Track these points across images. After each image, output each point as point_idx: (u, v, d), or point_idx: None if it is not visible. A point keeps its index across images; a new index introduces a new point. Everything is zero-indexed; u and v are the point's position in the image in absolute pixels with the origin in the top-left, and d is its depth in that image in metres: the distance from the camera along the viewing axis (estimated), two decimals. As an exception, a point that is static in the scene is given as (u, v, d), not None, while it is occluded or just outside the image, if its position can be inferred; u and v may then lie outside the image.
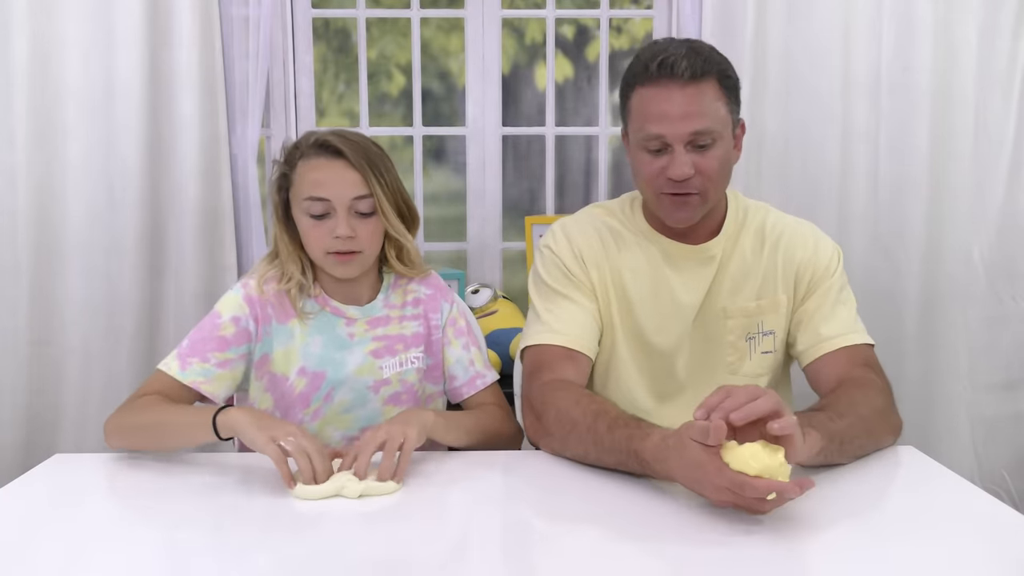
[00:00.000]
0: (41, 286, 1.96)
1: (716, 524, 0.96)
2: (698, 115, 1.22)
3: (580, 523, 0.99)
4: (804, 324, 1.34)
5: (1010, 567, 0.87)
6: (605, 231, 1.39)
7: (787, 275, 1.36)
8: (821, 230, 1.42)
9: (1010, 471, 2.11)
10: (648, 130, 1.24)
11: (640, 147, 1.27)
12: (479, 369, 1.42)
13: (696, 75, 1.22)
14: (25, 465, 1.58)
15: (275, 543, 0.93)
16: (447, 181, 2.39)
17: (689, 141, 1.23)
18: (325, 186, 1.28)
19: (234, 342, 1.30)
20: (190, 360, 1.28)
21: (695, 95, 1.22)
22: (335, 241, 1.28)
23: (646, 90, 1.25)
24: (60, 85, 1.93)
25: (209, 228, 2.01)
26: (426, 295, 1.43)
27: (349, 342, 1.35)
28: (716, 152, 1.25)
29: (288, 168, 1.33)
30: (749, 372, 1.37)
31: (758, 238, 1.38)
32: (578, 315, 1.33)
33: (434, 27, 2.38)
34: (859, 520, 0.98)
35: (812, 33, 2.02)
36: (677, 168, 1.23)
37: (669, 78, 1.22)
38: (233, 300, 1.33)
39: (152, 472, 1.16)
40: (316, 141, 1.31)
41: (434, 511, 1.04)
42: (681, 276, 1.36)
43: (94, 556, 0.91)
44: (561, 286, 1.35)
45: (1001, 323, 2.10)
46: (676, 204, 1.27)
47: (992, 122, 2.05)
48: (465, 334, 1.44)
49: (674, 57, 1.22)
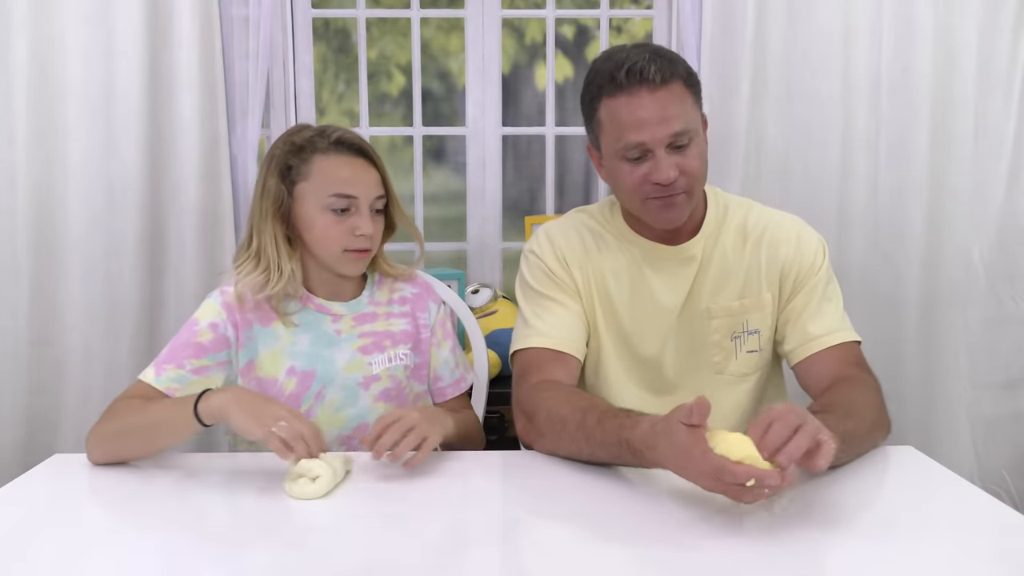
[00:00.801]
0: (41, 287, 1.96)
1: (713, 524, 0.96)
2: (674, 117, 1.22)
3: (574, 523, 0.99)
4: (792, 323, 1.34)
5: (1010, 567, 0.87)
6: (587, 233, 1.40)
7: (771, 273, 1.36)
8: (806, 223, 1.41)
9: (1010, 471, 2.11)
10: (627, 139, 1.23)
11: (619, 157, 1.26)
12: (462, 372, 1.47)
13: (666, 78, 1.22)
14: (25, 465, 1.58)
15: (271, 543, 0.93)
16: (447, 181, 2.39)
17: (669, 143, 1.23)
18: (353, 184, 1.29)
19: (211, 348, 1.29)
20: (165, 367, 1.26)
21: (667, 97, 1.22)
22: (357, 239, 1.29)
23: (616, 100, 1.24)
24: (60, 85, 1.93)
25: (209, 228, 2.01)
26: (413, 294, 1.43)
27: (337, 339, 1.35)
28: (694, 150, 1.26)
29: (298, 160, 1.31)
30: (736, 371, 1.37)
31: (739, 235, 1.37)
32: (564, 317, 1.34)
33: (434, 27, 2.38)
34: (859, 520, 0.98)
35: (812, 35, 2.02)
36: (663, 172, 1.23)
37: (639, 84, 1.21)
38: (211, 307, 1.31)
39: (151, 472, 1.16)
40: (337, 138, 1.31)
41: (431, 511, 1.04)
42: (661, 277, 1.36)
43: (93, 556, 0.91)
44: (546, 289, 1.36)
45: (1001, 324, 2.09)
46: (664, 206, 1.27)
47: (992, 124, 2.05)
48: (451, 336, 1.46)
49: (641, 63, 1.21)
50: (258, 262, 1.30)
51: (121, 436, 1.19)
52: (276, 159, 1.32)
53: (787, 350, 1.35)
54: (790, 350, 1.34)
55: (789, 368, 1.38)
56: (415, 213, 2.29)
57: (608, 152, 1.29)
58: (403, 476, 1.12)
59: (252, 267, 1.30)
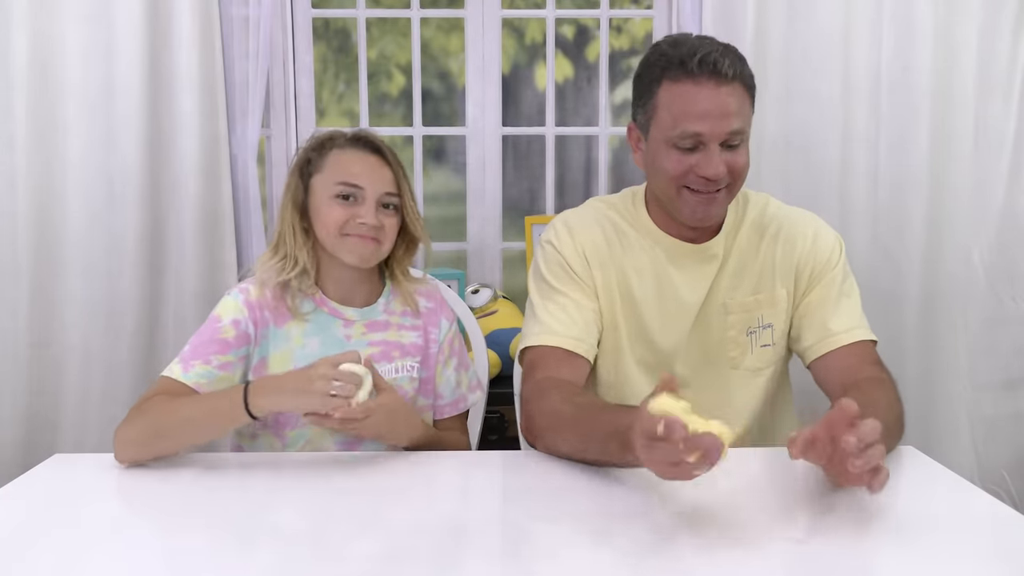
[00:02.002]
0: (41, 287, 1.96)
1: (713, 526, 0.96)
2: (735, 115, 1.22)
3: (574, 523, 0.98)
4: (808, 318, 1.33)
5: (1010, 567, 0.87)
6: (609, 227, 1.37)
7: (786, 268, 1.35)
8: (823, 220, 1.41)
9: (1010, 471, 2.11)
10: (685, 128, 1.22)
11: (669, 143, 1.24)
12: (463, 392, 1.45)
13: (735, 75, 1.22)
14: (25, 465, 1.58)
15: (273, 542, 0.93)
16: (447, 181, 2.39)
17: (724, 140, 1.23)
18: (360, 176, 1.31)
19: (235, 345, 1.30)
20: (192, 363, 1.27)
21: (732, 95, 1.22)
22: (356, 224, 1.29)
23: (682, 86, 1.22)
24: (60, 85, 1.93)
25: (209, 228, 2.01)
26: (427, 308, 1.43)
27: (346, 344, 1.35)
28: (743, 151, 1.26)
29: (316, 154, 1.34)
30: (750, 366, 1.36)
31: (756, 230, 1.37)
32: (578, 316, 1.32)
33: (434, 27, 2.38)
34: (859, 520, 0.98)
35: (812, 34, 2.02)
36: (712, 168, 1.22)
37: (711, 76, 1.20)
38: (232, 304, 1.32)
39: (151, 472, 1.16)
40: (354, 135, 1.35)
41: (431, 510, 1.04)
42: (684, 276, 1.35)
43: (93, 556, 0.91)
44: (562, 284, 1.34)
45: (1001, 324, 2.09)
46: (703, 202, 1.26)
47: (992, 123, 2.05)
48: (458, 353, 1.45)
49: (715, 55, 1.21)
50: (276, 250, 1.34)
51: (159, 433, 1.18)
52: (300, 156, 1.37)
53: (804, 347, 1.33)
54: (808, 346, 1.32)
55: (804, 367, 1.36)
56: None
57: (657, 136, 1.26)
58: (403, 476, 1.12)
59: (271, 254, 1.35)
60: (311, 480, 1.12)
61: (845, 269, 1.36)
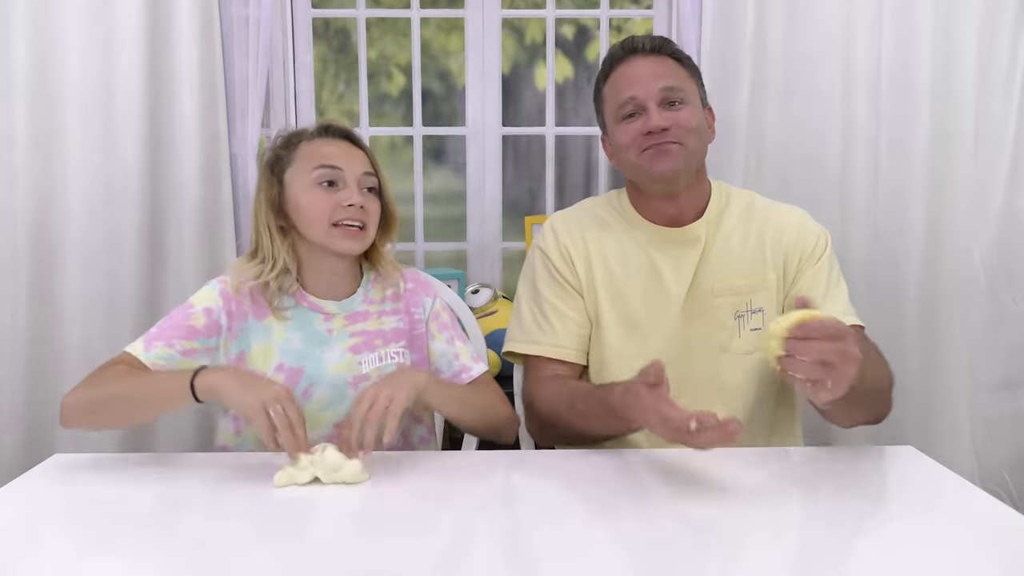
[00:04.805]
0: (41, 287, 1.96)
1: (715, 524, 0.96)
2: (664, 74, 1.33)
3: (576, 522, 0.99)
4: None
5: (1010, 567, 0.87)
6: (594, 220, 1.44)
7: (775, 256, 1.39)
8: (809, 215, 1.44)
9: (1010, 471, 2.11)
10: (621, 96, 1.33)
11: (617, 120, 1.35)
12: (464, 362, 1.41)
13: (657, 48, 1.35)
14: (25, 465, 1.58)
15: (272, 544, 0.93)
16: (447, 181, 2.39)
17: (662, 99, 1.31)
18: (338, 157, 1.32)
19: (203, 332, 1.30)
20: (155, 343, 1.28)
21: (658, 61, 1.35)
22: (346, 210, 1.29)
23: (616, 72, 1.36)
24: (60, 85, 1.93)
25: (209, 228, 2.01)
26: (407, 290, 1.42)
27: (328, 338, 1.35)
28: (689, 111, 1.33)
29: (285, 151, 1.34)
30: (739, 350, 1.37)
31: (743, 220, 1.41)
32: (567, 326, 1.38)
33: (434, 27, 2.38)
34: (858, 520, 0.98)
35: (812, 33, 2.02)
36: (653, 120, 1.30)
37: (633, 53, 1.35)
38: (208, 293, 1.33)
39: (150, 472, 1.16)
40: (321, 126, 1.37)
41: (432, 510, 1.03)
42: (667, 260, 1.38)
43: (93, 556, 0.91)
44: (551, 292, 1.40)
45: (1001, 324, 2.09)
46: (658, 153, 1.32)
47: (992, 123, 2.05)
48: (449, 328, 1.43)
49: (638, 40, 1.36)
50: (254, 253, 1.34)
51: (106, 402, 1.19)
52: (267, 156, 1.37)
53: None
54: None
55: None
56: (415, 213, 2.29)
57: (610, 124, 1.37)
58: (403, 475, 1.11)
59: (248, 258, 1.34)
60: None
61: (832, 260, 1.40)
